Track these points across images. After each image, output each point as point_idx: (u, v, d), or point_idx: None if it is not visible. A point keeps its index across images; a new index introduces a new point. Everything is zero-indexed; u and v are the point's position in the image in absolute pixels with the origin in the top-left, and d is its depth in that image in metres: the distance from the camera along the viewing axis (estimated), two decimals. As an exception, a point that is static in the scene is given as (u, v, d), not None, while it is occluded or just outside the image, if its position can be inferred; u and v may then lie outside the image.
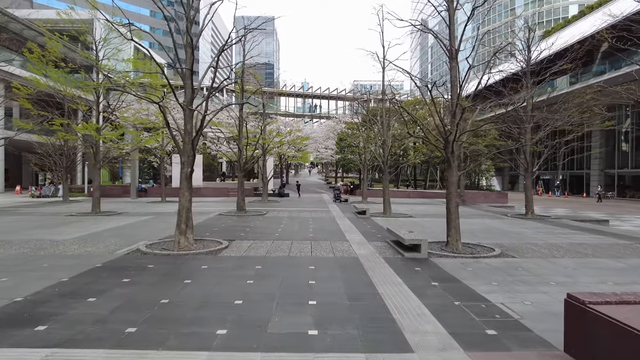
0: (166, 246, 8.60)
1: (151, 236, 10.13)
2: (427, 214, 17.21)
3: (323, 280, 6.01)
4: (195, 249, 8.32)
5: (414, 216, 15.89)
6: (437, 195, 30.26)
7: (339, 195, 23.68)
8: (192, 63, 8.50)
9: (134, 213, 16.31)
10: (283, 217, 14.91)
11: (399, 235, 8.38)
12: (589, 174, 40.53)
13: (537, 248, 9.11)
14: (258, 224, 12.82)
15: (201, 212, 16.73)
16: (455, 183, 8.81)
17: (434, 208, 20.59)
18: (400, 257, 7.82)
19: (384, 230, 11.50)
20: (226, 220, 13.58)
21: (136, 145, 19.62)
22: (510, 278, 6.32)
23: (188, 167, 8.56)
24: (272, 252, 8.16)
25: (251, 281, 5.89)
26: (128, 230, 11.35)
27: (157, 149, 31.64)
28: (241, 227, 11.90)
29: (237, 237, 9.94)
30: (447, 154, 8.65)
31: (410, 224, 13.19)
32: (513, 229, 12.76)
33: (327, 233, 10.89)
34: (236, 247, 8.62)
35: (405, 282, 5.96)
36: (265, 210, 17.48)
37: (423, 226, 12.89)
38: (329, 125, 43.81)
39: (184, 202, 8.59)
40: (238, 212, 15.59)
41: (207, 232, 10.75)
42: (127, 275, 6.18)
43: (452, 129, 8.64)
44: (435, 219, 15.26)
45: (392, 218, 14.96)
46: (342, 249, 8.60)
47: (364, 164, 23.39)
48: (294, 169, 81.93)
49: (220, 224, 12.74)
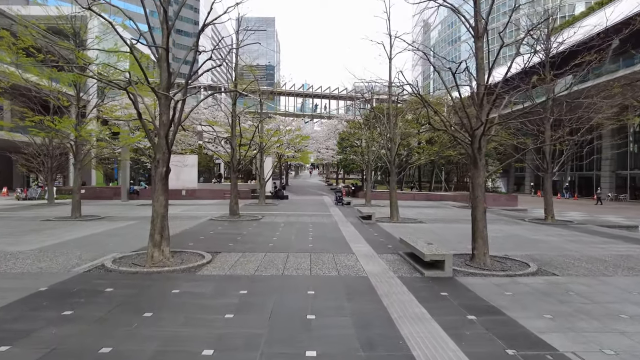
0: (138, 260, 7.21)
1: (125, 247, 8.74)
2: (437, 218, 15.79)
3: (325, 313, 4.60)
4: (170, 264, 6.91)
5: (424, 221, 14.47)
6: (443, 198, 28.84)
7: (340, 198, 22.27)
8: (167, 41, 7.11)
9: (118, 217, 14.92)
10: (280, 222, 13.50)
11: (416, 248, 6.97)
12: (599, 176, 39.07)
13: (577, 262, 7.69)
14: (251, 230, 11.41)
15: (191, 216, 15.34)
16: (482, 185, 7.40)
17: (443, 212, 19.17)
18: (420, 277, 6.41)
19: (394, 239, 10.10)
20: (216, 227, 12.18)
21: (123, 144, 18.22)
22: (565, 308, 4.91)
23: (163, 167, 7.17)
24: (263, 269, 6.76)
25: (231, 315, 4.49)
26: (102, 238, 9.95)
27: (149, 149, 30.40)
28: (231, 235, 10.49)
29: (224, 248, 8.53)
30: (474, 151, 7.25)
31: (422, 232, 11.78)
32: (537, 236, 11.35)
33: (329, 243, 9.48)
34: (221, 262, 7.21)
35: (433, 315, 4.55)
36: (261, 214, 16.07)
37: (436, 234, 11.48)
38: (330, 124, 42.42)
39: (159, 208, 7.19)
40: (231, 217, 14.19)
41: (191, 242, 9.34)
42: (72, 304, 4.78)
43: (478, 121, 7.25)
44: (448, 224, 13.84)
45: (400, 224, 13.55)
46: (348, 264, 7.19)
47: (367, 164, 21.98)
48: (294, 170, 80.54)
49: (209, 230, 11.34)
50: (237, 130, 14.02)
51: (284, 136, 22.61)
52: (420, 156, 19.35)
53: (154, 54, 7.17)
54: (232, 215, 14.20)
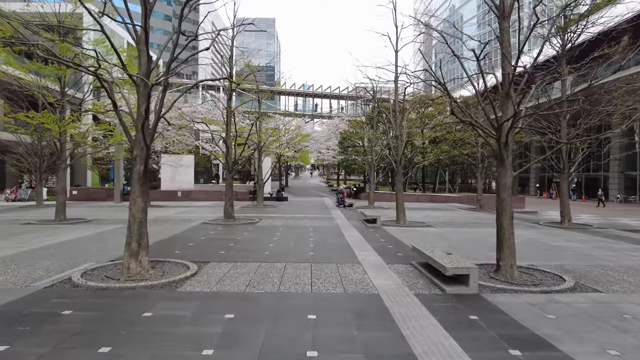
0: (112, 273, 6.24)
1: (104, 255, 7.78)
2: (445, 222, 14.81)
3: (331, 347, 3.63)
4: (149, 277, 5.95)
5: (432, 225, 13.49)
6: (448, 199, 27.86)
7: (342, 200, 21.29)
8: (146, 21, 6.16)
9: (106, 220, 13.95)
10: (278, 226, 12.53)
11: (434, 259, 5.99)
12: (607, 177, 38.09)
13: (617, 275, 6.71)
14: (246, 236, 10.44)
15: (184, 219, 14.37)
16: (509, 187, 6.44)
17: (450, 214, 18.19)
18: (440, 294, 5.44)
19: (403, 246, 9.13)
20: (208, 231, 11.21)
21: (112, 142, 17.26)
22: (630, 339, 3.93)
23: (141, 164, 6.21)
24: (256, 283, 5.78)
25: (210, 351, 3.52)
26: (81, 244, 8.99)
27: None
28: (224, 241, 9.52)
29: (214, 257, 7.56)
30: (500, 147, 6.28)
31: (432, 237, 10.80)
32: (558, 242, 10.38)
33: (332, 250, 8.51)
34: (207, 275, 6.24)
35: (466, 350, 3.58)
36: (258, 217, 15.10)
37: (448, 239, 10.51)
38: (331, 124, 41.44)
39: (136, 213, 6.23)
40: (225, 220, 13.22)
41: (179, 249, 8.38)
42: (13, 334, 3.82)
43: (504, 113, 6.30)
44: (458, 228, 12.86)
45: (407, 228, 12.58)
46: (354, 277, 6.21)
47: (370, 164, 21.01)
48: (295, 171, 79.59)
49: (200, 236, 10.37)
50: (232, 129, 13.05)
51: (283, 135, 21.64)
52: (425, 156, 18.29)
53: (132, 36, 6.23)
54: (227, 219, 13.24)
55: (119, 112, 6.30)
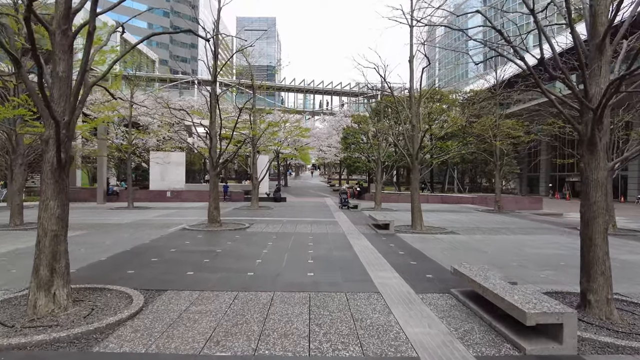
0: (12, 312, 4.19)
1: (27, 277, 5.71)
2: (468, 227, 12.71)
3: None
4: (62, 321, 3.90)
5: (456, 231, 11.39)
6: (460, 200, 25.76)
7: (346, 201, 19.21)
8: None
9: (72, 225, 11.86)
10: (271, 233, 10.46)
11: (499, 295, 3.90)
12: (626, 176, 35.93)
13: None
14: (229, 247, 8.36)
15: (163, 224, 12.32)
16: (604, 185, 4.36)
17: (469, 218, 16.10)
18: (519, 356, 3.36)
19: (430, 262, 7.06)
20: (184, 240, 9.14)
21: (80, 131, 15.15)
22: None
23: (54, 150, 4.14)
24: (222, 336, 3.71)
25: None
26: (9, 260, 6.94)
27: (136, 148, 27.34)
28: (199, 255, 7.45)
29: (176, 281, 5.50)
30: (592, 128, 4.20)
31: (463, 249, 8.72)
32: (623, 255, 8.28)
33: (338, 269, 6.43)
34: (154, 316, 4.17)
35: None
36: (249, 221, 13.03)
37: (482, 251, 8.43)
38: (333, 121, 39.29)
39: (47, 222, 4.18)
40: (209, 226, 11.16)
41: (134, 268, 6.32)
42: None
43: (595, 79, 4.24)
44: (488, 236, 10.76)
45: (427, 235, 10.50)
46: (375, 321, 4.13)
47: (377, 161, 18.92)
48: (295, 171, 77.51)
49: (171, 247, 8.29)
50: (217, 118, 10.95)
51: (279, 129, 19.56)
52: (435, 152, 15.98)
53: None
54: (211, 224, 11.17)
55: (23, 74, 4.23)
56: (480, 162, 35.08)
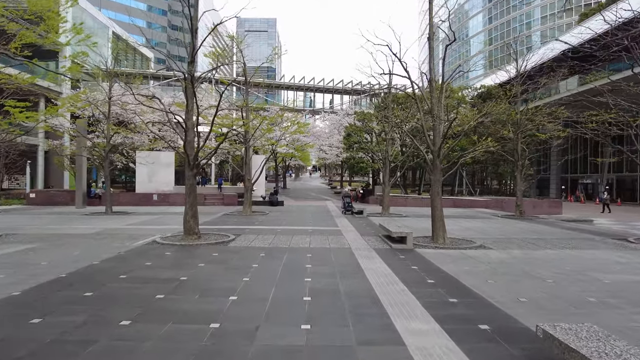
0: None
1: None
2: (497, 238, 10.62)
3: None
4: None
5: (487, 245, 9.29)
6: (473, 204, 23.68)
7: (349, 205, 17.14)
8: None
9: (27, 237, 9.82)
10: (259, 249, 8.39)
11: None
12: (637, 178, 33.80)
13: None
14: (198, 273, 6.29)
15: (133, 234, 10.27)
16: None
17: (492, 226, 14.02)
18: None
19: (473, 297, 5.00)
20: (144, 261, 7.07)
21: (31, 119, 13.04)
22: None
23: None
24: None
25: None
26: None
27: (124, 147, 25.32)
28: (150, 288, 5.36)
29: (84, 348, 3.44)
30: None
31: (510, 274, 6.64)
32: None
33: (348, 315, 4.36)
34: None
35: None
36: (236, 231, 10.97)
37: (539, 279, 6.34)
38: (334, 119, 37.16)
39: None
40: (184, 239, 9.09)
41: (42, 314, 4.25)
42: None
43: None
44: (530, 252, 8.65)
45: (454, 251, 8.42)
46: None
47: (384, 161, 16.85)
48: (295, 172, 75.44)
49: (122, 272, 6.21)
50: (194, 106, 8.88)
51: (275, 124, 17.50)
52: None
53: None
54: (188, 236, 9.09)
55: None
56: (490, 162, 32.99)
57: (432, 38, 9.72)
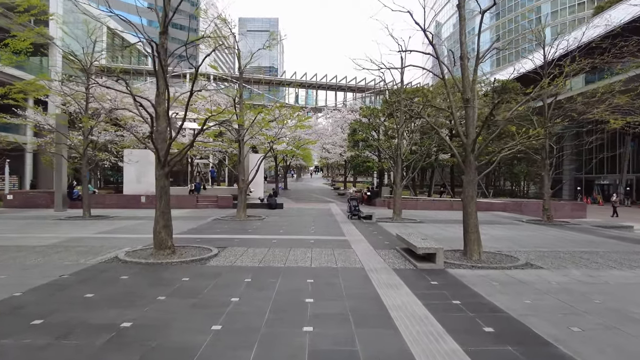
0: None
1: None
2: (540, 251, 8.72)
3: None
4: None
5: (534, 262, 7.40)
6: (490, 207, 21.74)
7: (356, 209, 15.26)
8: None
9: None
10: (245, 270, 6.51)
11: None
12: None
13: None
14: (153, 312, 4.44)
15: (93, 247, 8.42)
16: None
17: (521, 233, 12.13)
18: None
19: None
20: (86, 291, 5.20)
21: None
22: None
23: None
24: None
25: None
26: None
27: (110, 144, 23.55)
28: (70, 341, 3.52)
29: None
30: None
31: (592, 313, 4.74)
32: None
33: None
34: None
35: None
36: (221, 243, 9.11)
37: (621, 313, 4.45)
38: (337, 117, 35.25)
39: None
40: (155, 254, 7.23)
41: None
42: None
43: None
44: (594, 272, 6.73)
45: (496, 272, 6.53)
46: None
47: (396, 159, 14.95)
48: (296, 172, 73.58)
49: (53, 307, 4.37)
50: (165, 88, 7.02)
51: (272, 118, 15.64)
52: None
53: None
54: (158, 250, 7.24)
55: None
56: (505, 161, 31.05)
57: (462, 5, 7.83)
